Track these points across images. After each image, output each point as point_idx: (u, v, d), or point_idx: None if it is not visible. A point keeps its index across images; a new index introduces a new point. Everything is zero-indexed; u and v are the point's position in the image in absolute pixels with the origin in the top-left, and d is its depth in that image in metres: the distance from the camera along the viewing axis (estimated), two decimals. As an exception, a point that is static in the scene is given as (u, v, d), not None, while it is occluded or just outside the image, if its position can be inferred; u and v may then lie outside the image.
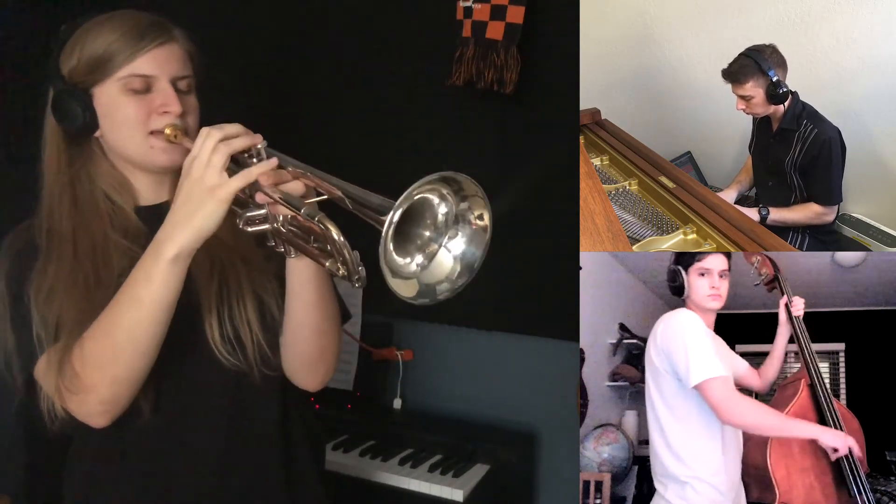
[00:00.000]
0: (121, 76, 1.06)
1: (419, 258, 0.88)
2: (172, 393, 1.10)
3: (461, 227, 0.88)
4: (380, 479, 1.95)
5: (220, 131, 0.95)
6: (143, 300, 0.97)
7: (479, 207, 0.87)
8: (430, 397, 2.27)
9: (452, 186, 0.84)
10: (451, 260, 0.89)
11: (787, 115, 1.99)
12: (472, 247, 0.89)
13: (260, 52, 2.37)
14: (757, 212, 2.01)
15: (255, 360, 1.12)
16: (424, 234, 0.88)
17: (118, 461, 1.12)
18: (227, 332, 1.11)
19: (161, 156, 1.09)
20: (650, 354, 1.50)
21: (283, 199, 0.93)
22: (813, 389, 1.59)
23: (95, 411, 1.02)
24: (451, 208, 0.87)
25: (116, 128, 1.09)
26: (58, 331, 1.02)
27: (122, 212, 1.13)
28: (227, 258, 1.12)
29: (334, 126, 2.33)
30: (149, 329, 0.98)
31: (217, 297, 1.11)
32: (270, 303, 1.14)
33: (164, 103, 1.07)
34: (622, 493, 2.10)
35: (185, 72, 1.11)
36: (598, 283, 2.06)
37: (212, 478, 1.14)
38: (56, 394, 1.01)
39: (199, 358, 1.10)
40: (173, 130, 1.07)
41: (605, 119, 2.37)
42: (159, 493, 1.13)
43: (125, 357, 0.99)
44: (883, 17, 2.03)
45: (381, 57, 2.24)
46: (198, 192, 0.93)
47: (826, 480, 1.48)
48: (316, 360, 1.18)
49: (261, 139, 0.96)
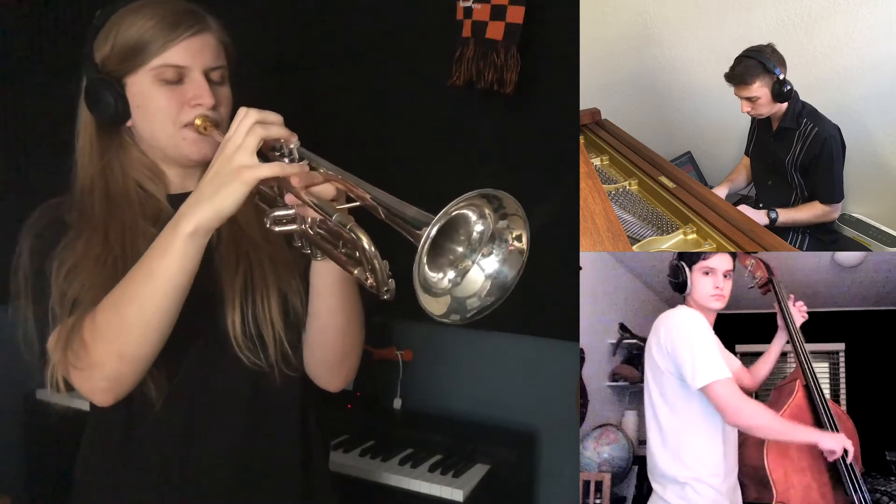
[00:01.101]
0: (154, 66, 1.05)
1: (451, 274, 0.84)
2: (189, 386, 1.09)
3: (497, 246, 0.85)
4: (380, 479, 1.96)
5: (258, 113, 0.93)
6: (156, 274, 0.93)
7: (519, 228, 0.84)
8: (430, 397, 2.27)
9: (493, 204, 0.81)
10: (482, 277, 0.85)
11: (788, 114, 2.00)
12: (506, 268, 0.85)
13: (257, 53, 2.37)
14: (766, 215, 2.01)
15: (276, 359, 1.11)
16: (457, 250, 0.85)
17: (130, 452, 1.11)
18: (250, 328, 1.09)
19: (192, 147, 1.08)
20: (651, 353, 1.50)
21: (315, 204, 0.90)
22: (808, 390, 1.59)
23: (99, 387, 1.01)
24: (487, 226, 0.84)
25: (148, 118, 1.08)
26: (74, 307, 1.00)
27: (153, 200, 1.11)
28: (255, 255, 1.11)
29: (334, 126, 2.33)
30: (160, 304, 0.95)
31: (241, 293, 1.09)
32: (295, 301, 1.12)
33: (197, 95, 1.06)
34: (622, 493, 2.10)
35: (219, 62, 1.10)
36: (598, 283, 2.06)
37: (226, 474, 1.12)
38: (62, 366, 0.99)
39: (219, 353, 1.09)
40: (203, 121, 1.06)
41: (605, 119, 2.38)
42: (171, 486, 1.11)
43: (133, 333, 0.96)
44: (883, 17, 2.03)
45: (380, 57, 2.24)
46: (226, 170, 0.91)
47: (823, 480, 1.49)
48: (340, 362, 1.16)
49: (296, 138, 0.94)
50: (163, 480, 1.11)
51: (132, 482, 1.11)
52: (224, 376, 1.11)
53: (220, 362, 1.10)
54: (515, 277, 0.86)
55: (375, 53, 2.25)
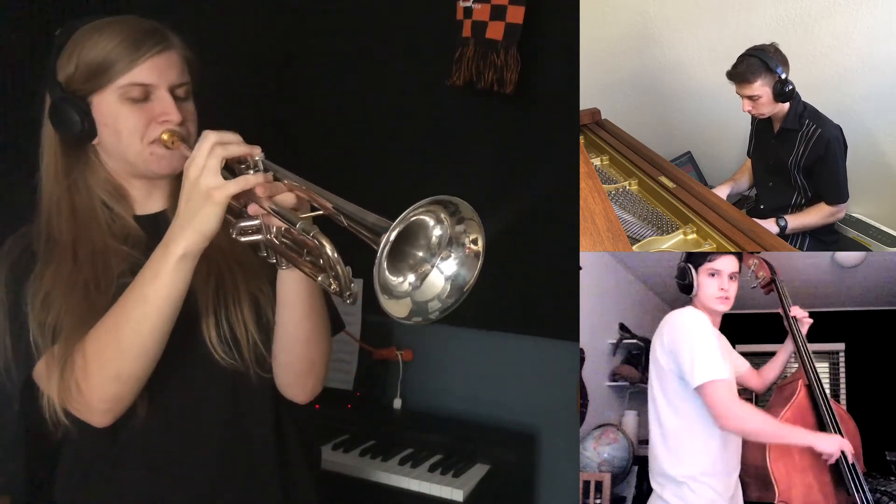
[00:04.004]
0: (120, 84, 1.07)
1: (411, 277, 0.88)
2: (169, 393, 1.11)
3: (454, 249, 0.88)
4: (380, 479, 1.95)
5: (216, 135, 0.95)
6: (149, 298, 0.97)
7: (475, 231, 0.87)
8: (430, 397, 2.27)
9: (449, 209, 0.84)
10: (442, 280, 0.89)
11: (790, 115, 1.99)
12: (464, 270, 0.89)
13: (257, 53, 2.37)
14: (775, 223, 2.00)
15: (251, 360, 1.13)
16: (417, 255, 0.88)
17: (113, 462, 1.12)
18: (224, 332, 1.11)
19: (160, 163, 1.10)
20: (655, 353, 1.50)
21: (278, 213, 0.93)
22: (810, 390, 1.59)
23: (98, 410, 1.03)
24: (445, 231, 0.87)
25: (116, 136, 1.09)
26: (55, 335, 1.02)
27: (120, 219, 1.13)
28: (224, 261, 1.13)
29: (333, 126, 2.33)
30: (154, 326, 0.99)
31: (214, 298, 1.11)
32: (266, 305, 1.14)
33: (164, 112, 1.08)
34: (622, 493, 2.10)
35: (184, 79, 1.11)
36: (598, 282, 2.06)
37: (208, 478, 1.14)
38: (57, 395, 1.01)
39: (196, 358, 1.11)
40: (171, 136, 1.08)
41: (605, 119, 2.37)
42: (154, 493, 1.13)
43: (130, 355, 0.99)
44: (883, 17, 2.03)
45: (380, 57, 2.24)
46: (196, 194, 0.94)
47: (825, 480, 1.49)
48: (306, 372, 1.18)
49: (259, 150, 0.97)
50: (147, 486, 1.12)
51: (117, 492, 1.13)
52: (202, 380, 1.13)
53: (197, 366, 1.11)
54: (473, 279, 0.89)
55: (375, 53, 2.25)
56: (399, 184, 2.16)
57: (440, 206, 0.84)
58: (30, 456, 2.38)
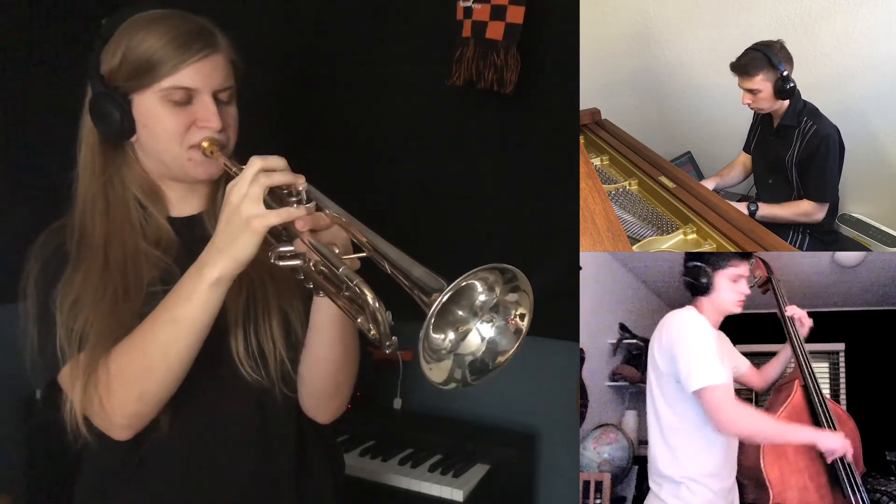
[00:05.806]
0: (163, 87, 1.04)
1: (451, 335, 0.84)
2: (194, 408, 1.08)
3: (497, 318, 0.85)
4: (379, 479, 1.95)
5: (262, 161, 0.92)
6: (180, 320, 0.96)
7: (525, 307, 0.85)
8: (430, 397, 2.27)
9: (506, 275, 0.81)
10: (479, 340, 0.85)
11: (789, 112, 2.00)
12: (503, 340, 0.85)
13: (257, 53, 2.37)
14: (746, 207, 2.01)
15: (277, 378, 1.11)
16: (458, 313, 0.84)
17: (134, 476, 1.10)
18: (252, 347, 1.09)
19: (198, 168, 1.08)
20: (653, 355, 1.49)
21: (320, 252, 0.90)
22: (806, 390, 1.59)
23: (119, 424, 1.01)
24: (492, 298, 0.83)
25: (154, 137, 1.07)
26: (82, 342, 1.00)
27: (154, 220, 1.11)
28: (256, 273, 1.10)
29: (333, 126, 2.33)
30: (183, 348, 0.97)
31: (244, 313, 1.09)
32: (296, 322, 1.12)
33: (205, 118, 1.06)
34: (622, 493, 2.10)
35: (228, 83, 1.09)
36: (598, 283, 2.06)
37: (231, 495, 1.12)
38: (80, 404, 0.99)
39: (223, 373, 1.09)
40: (210, 145, 1.06)
41: (605, 119, 2.38)
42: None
43: (156, 375, 0.98)
44: (883, 17, 2.03)
45: (380, 57, 2.24)
46: (236, 220, 0.91)
47: (821, 481, 1.49)
48: (331, 395, 1.16)
49: (303, 180, 0.94)
50: (169, 500, 1.11)
51: (137, 501, 1.11)
52: (228, 395, 1.11)
53: (223, 381, 1.09)
54: (511, 353, 0.85)
55: (375, 53, 2.25)
56: (399, 184, 2.17)
57: (498, 273, 0.80)
58: (30, 456, 2.38)
